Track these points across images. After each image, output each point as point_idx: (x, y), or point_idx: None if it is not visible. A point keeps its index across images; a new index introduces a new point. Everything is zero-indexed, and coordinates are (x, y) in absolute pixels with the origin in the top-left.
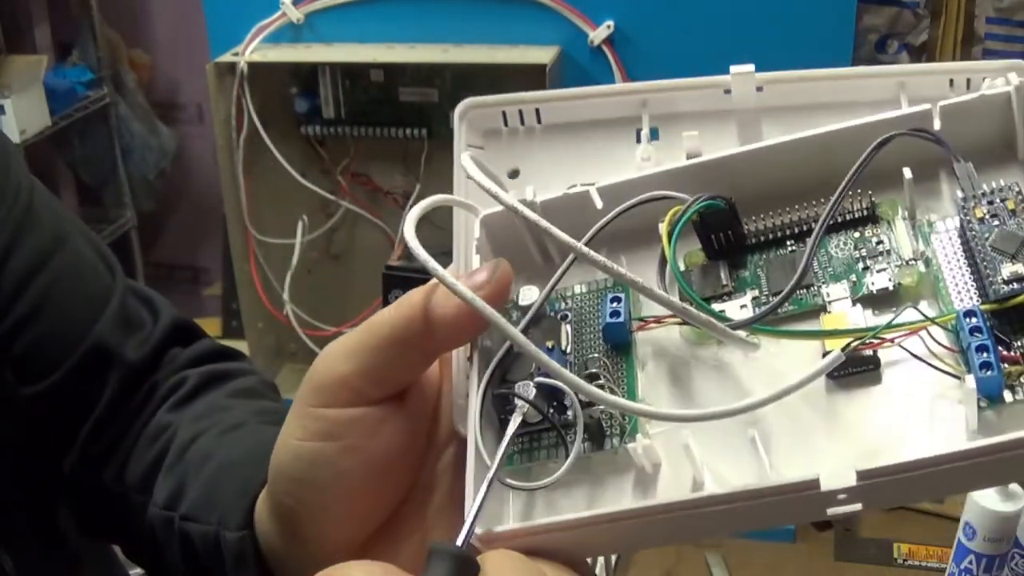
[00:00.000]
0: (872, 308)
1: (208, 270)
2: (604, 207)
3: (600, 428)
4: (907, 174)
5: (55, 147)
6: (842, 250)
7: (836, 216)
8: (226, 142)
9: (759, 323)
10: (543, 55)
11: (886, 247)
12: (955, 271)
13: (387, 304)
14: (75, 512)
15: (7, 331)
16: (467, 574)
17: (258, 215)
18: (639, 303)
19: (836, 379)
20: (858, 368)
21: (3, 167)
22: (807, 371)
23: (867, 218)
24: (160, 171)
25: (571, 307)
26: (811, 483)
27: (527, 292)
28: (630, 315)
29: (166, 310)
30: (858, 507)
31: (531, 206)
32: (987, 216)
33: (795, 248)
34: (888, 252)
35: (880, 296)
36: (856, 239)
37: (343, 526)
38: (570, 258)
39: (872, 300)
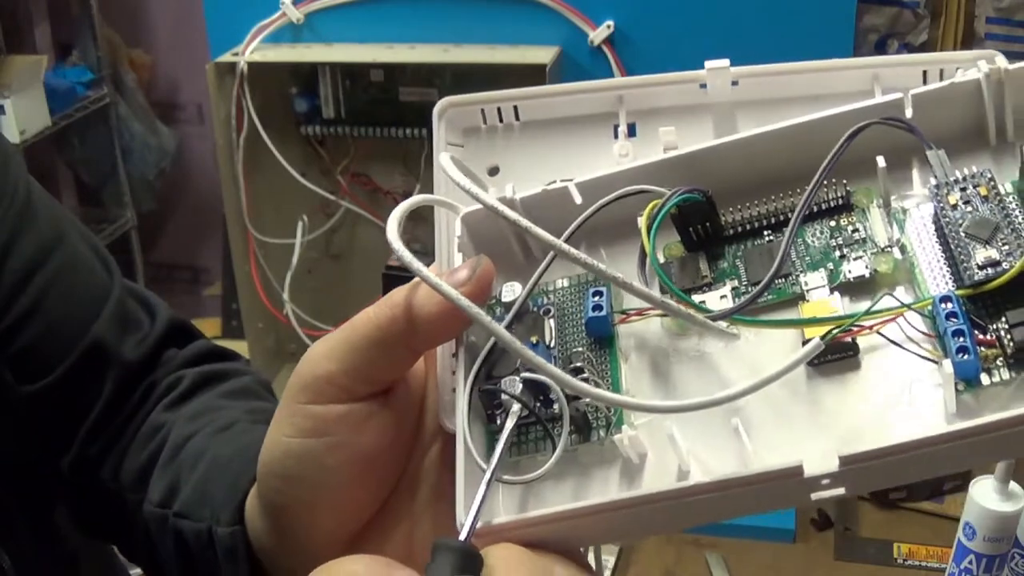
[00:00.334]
0: (850, 296)
1: (208, 270)
2: (583, 202)
3: (586, 420)
4: (880, 162)
5: (55, 147)
6: (819, 239)
7: (812, 206)
8: (226, 142)
9: (739, 313)
10: (543, 55)
11: (862, 235)
12: (930, 257)
13: None
14: (73, 511)
15: (5, 330)
16: (471, 568)
17: (258, 215)
18: (621, 296)
19: (816, 367)
20: (837, 355)
21: (2, 168)
22: (788, 360)
23: (842, 207)
24: (160, 171)
25: (554, 302)
26: (795, 469)
27: (510, 288)
28: (612, 308)
29: (163, 311)
30: (841, 491)
31: (511, 203)
32: (960, 202)
33: (772, 238)
34: (864, 240)
35: (857, 284)
36: (832, 228)
37: (332, 521)
38: (550, 255)
39: (849, 288)
